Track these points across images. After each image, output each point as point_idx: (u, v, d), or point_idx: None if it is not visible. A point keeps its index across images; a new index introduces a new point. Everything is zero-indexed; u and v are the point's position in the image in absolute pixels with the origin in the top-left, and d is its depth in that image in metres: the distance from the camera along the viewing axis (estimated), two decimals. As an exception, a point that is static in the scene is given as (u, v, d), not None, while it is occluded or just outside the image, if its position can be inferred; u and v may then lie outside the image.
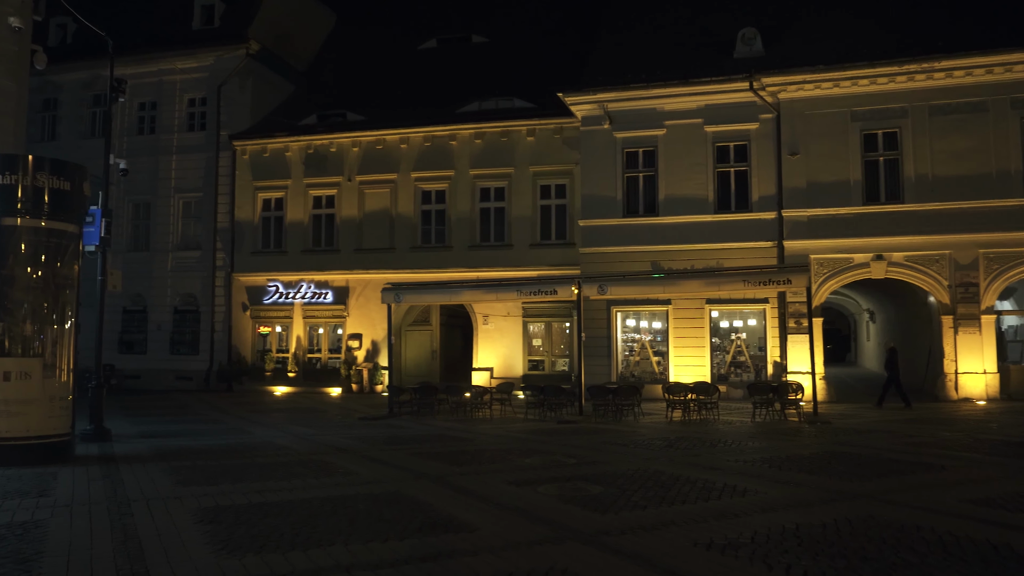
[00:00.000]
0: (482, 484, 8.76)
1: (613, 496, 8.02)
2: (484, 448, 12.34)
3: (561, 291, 18.32)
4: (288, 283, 28.88)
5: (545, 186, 26.72)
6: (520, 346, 26.55)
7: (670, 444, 12.49)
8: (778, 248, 22.31)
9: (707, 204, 23.27)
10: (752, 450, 11.81)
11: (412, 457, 11.13)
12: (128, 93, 31.33)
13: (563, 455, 11.22)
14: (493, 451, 11.92)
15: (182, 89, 30.78)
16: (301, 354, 28.91)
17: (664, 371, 23.54)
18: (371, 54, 33.60)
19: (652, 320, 24.16)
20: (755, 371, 22.87)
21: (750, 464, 10.24)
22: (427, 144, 27.79)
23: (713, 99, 23.28)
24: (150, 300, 30.49)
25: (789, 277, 16.74)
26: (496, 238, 27.09)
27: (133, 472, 9.74)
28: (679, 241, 23.10)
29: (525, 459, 10.80)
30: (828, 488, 8.52)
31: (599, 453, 11.58)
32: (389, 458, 11.06)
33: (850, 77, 21.58)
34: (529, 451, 11.76)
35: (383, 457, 11.17)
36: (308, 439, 13.74)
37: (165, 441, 13.45)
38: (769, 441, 13.05)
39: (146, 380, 29.86)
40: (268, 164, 29.53)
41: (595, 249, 24.01)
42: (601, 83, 24.20)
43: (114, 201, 30.81)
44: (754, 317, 23.20)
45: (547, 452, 11.59)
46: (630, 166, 24.29)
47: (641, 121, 23.97)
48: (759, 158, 22.94)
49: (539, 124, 26.59)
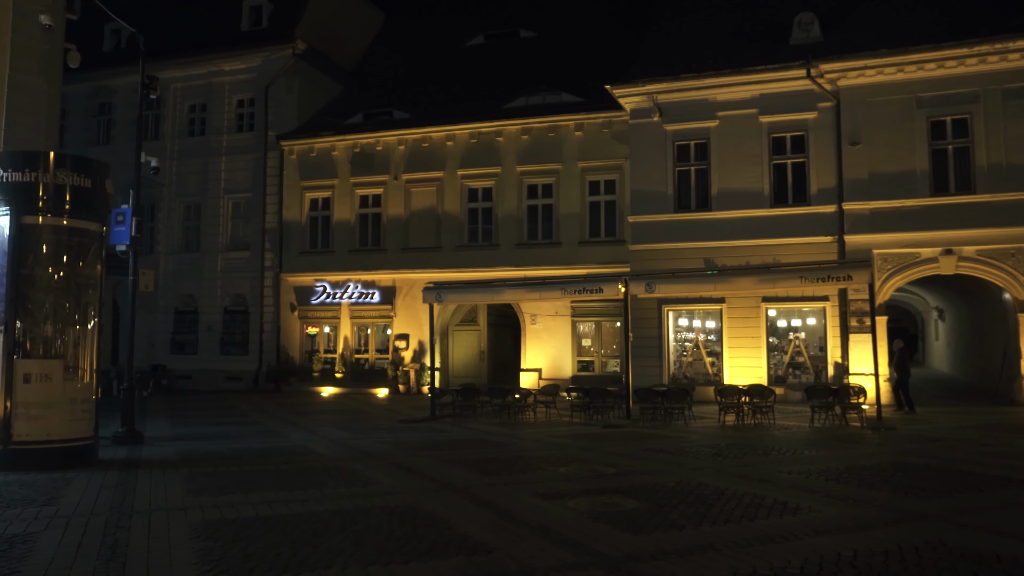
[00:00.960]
0: (509, 497, 8.14)
1: (649, 513, 7.31)
2: (520, 454, 11.72)
3: (607, 289, 17.59)
4: (335, 283, 28.68)
5: (594, 182, 25.95)
6: (569, 346, 25.85)
7: (719, 452, 11.69)
8: (838, 243, 21.16)
9: (762, 198, 22.22)
10: (808, 459, 10.93)
11: (442, 464, 10.56)
12: (179, 96, 32.06)
13: (602, 464, 10.52)
14: (529, 458, 11.29)
15: (231, 90, 30.86)
16: (348, 355, 28.68)
17: (718, 372, 22.58)
18: (418, 52, 33.29)
19: (705, 319, 23.21)
20: (815, 373, 21.76)
21: (804, 476, 9.39)
22: (473, 141, 27.28)
23: (768, 88, 22.22)
24: (201, 301, 30.64)
25: (850, 273, 15.71)
26: (544, 236, 26.43)
27: (150, 479, 9.39)
28: (733, 237, 22.12)
29: (560, 468, 10.14)
30: (891, 506, 7.67)
31: (641, 462, 10.85)
32: (418, 465, 10.51)
33: (915, 61, 20.31)
34: (567, 458, 11.10)
35: (412, 464, 10.63)
36: (342, 443, 13.31)
37: (197, 444, 13.15)
38: (827, 449, 12.13)
39: (197, 380, 30.02)
40: (315, 164, 29.39)
41: (645, 246, 23.17)
42: (650, 74, 23.35)
43: (165, 202, 31.32)
44: (813, 316, 22.08)
45: (585, 460, 10.91)
46: (681, 159, 23.38)
47: (692, 113, 23.04)
48: (817, 149, 21.80)
49: (587, 118, 25.84)
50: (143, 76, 13.94)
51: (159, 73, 31.31)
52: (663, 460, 10.94)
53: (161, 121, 32.00)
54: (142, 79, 13.94)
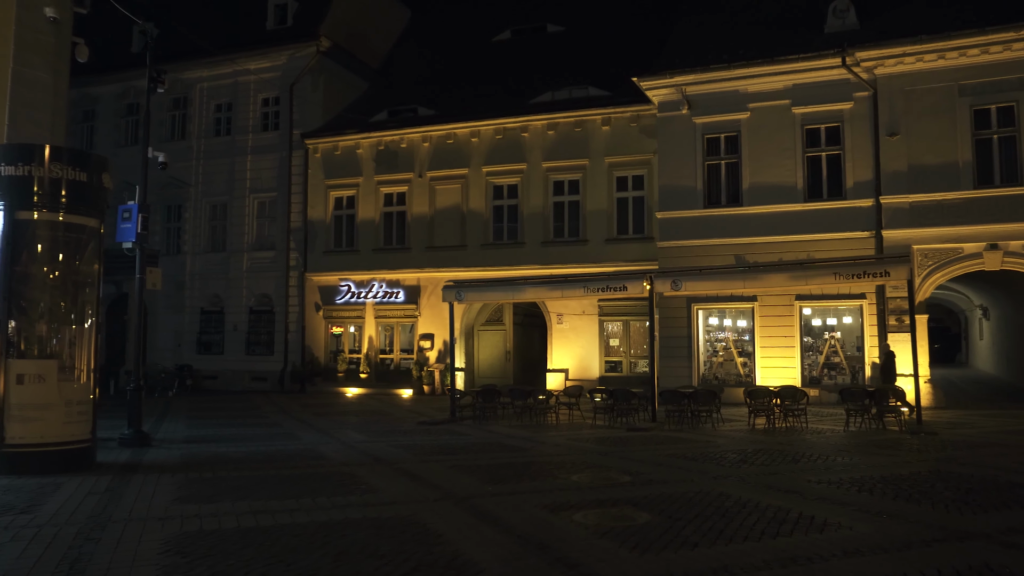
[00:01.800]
0: (512, 508, 7.57)
1: (661, 528, 6.70)
2: (535, 460, 11.15)
3: (631, 287, 16.92)
4: (360, 282, 28.35)
5: (622, 178, 25.27)
6: (596, 346, 25.20)
7: (745, 458, 11.00)
8: (876, 238, 20.26)
9: (796, 192, 21.39)
10: (840, 467, 10.20)
11: (450, 471, 10.03)
12: (205, 95, 31.95)
13: (619, 470, 9.91)
14: (543, 464, 10.71)
15: (256, 89, 30.67)
16: (373, 355, 28.33)
17: (750, 373, 21.78)
18: (444, 48, 32.87)
19: (737, 318, 22.42)
20: (851, 374, 20.88)
21: (836, 486, 8.69)
22: (498, 137, 26.75)
23: (802, 78, 21.37)
24: (226, 301, 30.52)
25: (887, 269, 14.88)
26: (570, 234, 25.81)
27: (142, 484, 8.99)
28: (765, 233, 21.33)
29: (573, 475, 9.54)
30: (931, 522, 6.96)
31: (662, 469, 10.21)
32: (424, 472, 9.99)
33: (958, 47, 19.35)
34: (583, 465, 10.51)
35: (419, 470, 10.11)
36: (353, 447, 12.86)
37: (205, 447, 12.79)
38: (862, 456, 11.37)
39: (223, 381, 29.91)
40: (340, 162, 29.10)
41: (674, 243, 22.46)
42: (678, 65, 22.62)
43: (191, 203, 31.25)
44: (850, 314, 21.20)
45: (602, 466, 10.31)
46: (711, 153, 22.62)
47: (722, 105, 22.27)
48: (853, 140, 20.91)
49: (614, 112, 25.16)
50: (150, 69, 13.59)
51: (185, 73, 31.74)
52: (685, 467, 10.29)
53: (187, 121, 31.96)
54: (149, 73, 13.60)
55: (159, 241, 31.70)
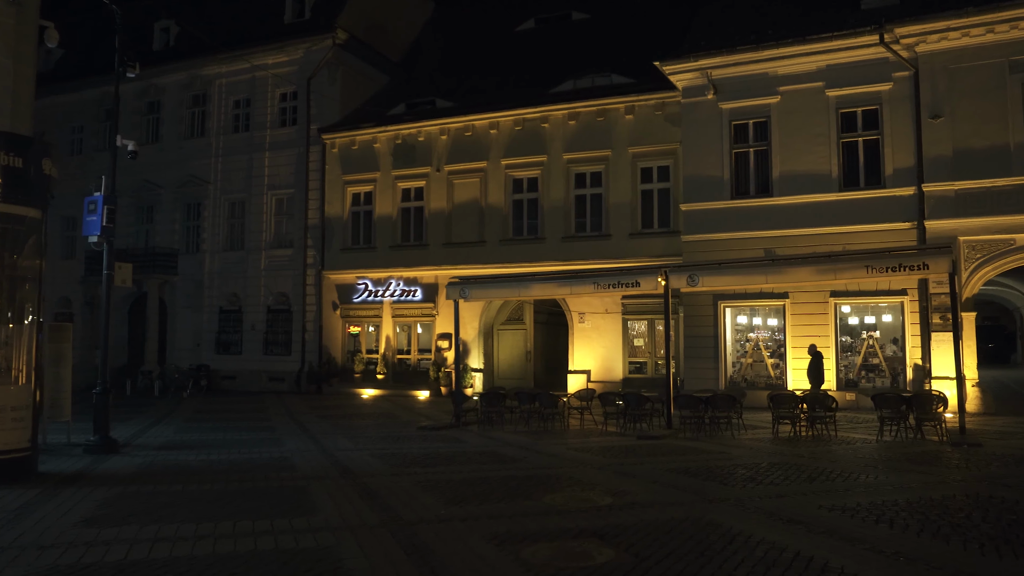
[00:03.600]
0: (455, 539, 6.45)
1: (620, 572, 5.52)
2: (518, 474, 10.00)
3: (645, 283, 15.65)
4: (377, 280, 27.47)
5: (646, 169, 23.95)
6: (620, 347, 23.91)
7: (755, 475, 9.70)
8: (918, 230, 18.67)
9: (830, 181, 19.87)
10: (862, 488, 8.85)
11: (414, 487, 8.95)
12: (223, 91, 31.38)
13: (604, 489, 8.72)
14: (523, 479, 9.55)
15: (274, 84, 29.98)
16: (391, 355, 27.43)
17: (781, 376, 20.34)
18: (467, 39, 31.84)
19: (767, 316, 20.97)
20: (891, 376, 19.30)
21: (850, 514, 7.39)
22: (518, 128, 25.62)
23: (836, 58, 19.85)
24: (245, 300, 29.91)
25: (926, 261, 13.38)
26: (593, 228, 24.57)
27: (63, 501, 8.11)
28: (796, 225, 19.86)
29: (548, 495, 8.37)
30: (958, 568, 5.64)
31: (655, 487, 9.00)
32: (385, 488, 8.93)
33: (1009, 19, 17.65)
34: (567, 481, 9.33)
35: (379, 487, 9.05)
36: (332, 455, 11.88)
37: (173, 455, 11.92)
38: (890, 473, 9.99)
39: (241, 381, 29.31)
40: (357, 157, 28.26)
41: (699, 237, 21.11)
42: (704, 48, 21.26)
43: (210, 200, 30.71)
44: (890, 312, 19.63)
45: (588, 484, 9.13)
46: (739, 141, 21.19)
47: (751, 89, 20.84)
48: (893, 124, 19.33)
49: (638, 100, 23.84)
50: (119, 52, 12.72)
51: (204, 69, 31.21)
52: (682, 485, 9.05)
53: (207, 118, 31.45)
54: (118, 55, 12.73)
55: (178, 240, 31.30)
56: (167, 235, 31.43)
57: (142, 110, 33.00)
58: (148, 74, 32.18)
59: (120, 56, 12.59)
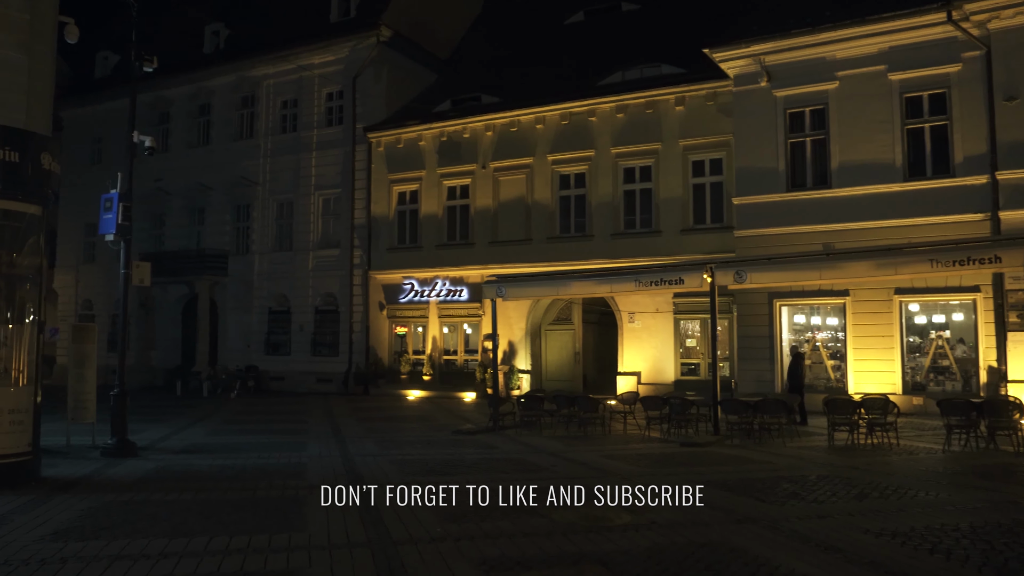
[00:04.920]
0: (440, 561, 5.79)
1: (617, 608, 4.78)
2: (538, 485, 9.23)
3: (689, 279, 14.71)
4: (423, 280, 27.03)
5: (697, 162, 22.94)
6: (671, 348, 22.94)
7: (797, 491, 8.76)
8: (991, 221, 17.26)
9: (893, 170, 18.58)
10: (918, 508, 7.86)
11: (419, 500, 8.28)
12: (271, 92, 31.35)
13: (624, 507, 7.91)
14: (540, 491, 8.77)
15: (320, 84, 29.84)
16: (437, 356, 26.95)
17: (842, 378, 19.11)
18: (514, 34, 31.18)
19: (826, 315, 19.77)
20: (963, 379, 17.92)
21: (901, 541, 6.45)
22: (564, 123, 24.86)
23: (899, 39, 18.55)
24: (293, 301, 29.84)
25: (998, 254, 12.15)
26: (642, 225, 23.65)
27: (48, 509, 7.74)
28: (857, 218, 18.62)
29: (559, 511, 7.62)
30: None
31: (678, 505, 8.14)
32: (390, 499, 8.29)
33: (1092, -10, 16.22)
34: (586, 494, 8.55)
35: (384, 498, 8.42)
36: (352, 461, 11.36)
37: (188, 460, 11.57)
38: (954, 490, 8.92)
39: (289, 382, 29.23)
40: (402, 155, 27.88)
41: (752, 232, 20.02)
42: (756, 33, 20.16)
43: (259, 201, 30.73)
44: (961, 311, 18.25)
45: (608, 498, 8.32)
46: (794, 130, 20.03)
47: (807, 74, 19.66)
48: (962, 108, 17.94)
49: (688, 91, 22.85)
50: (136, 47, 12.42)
51: (253, 71, 31.25)
52: (713, 501, 8.19)
53: (255, 119, 31.51)
54: (135, 50, 12.44)
55: (228, 241, 31.42)
56: (218, 236, 31.58)
57: (194, 113, 33.31)
58: (199, 77, 32.64)
59: (136, 51, 12.31)
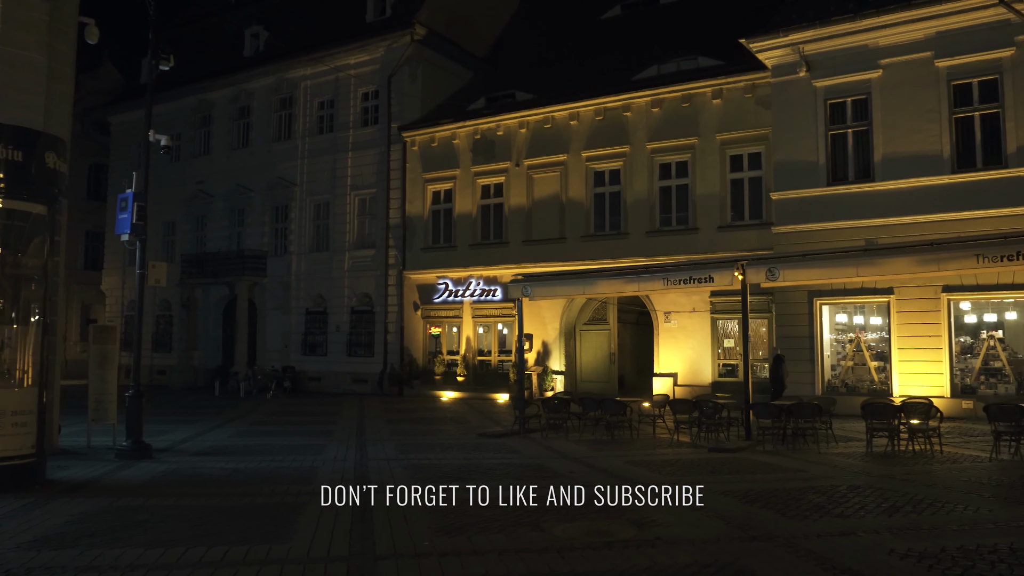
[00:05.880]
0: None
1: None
2: (549, 494, 8.82)
3: (719, 277, 14.12)
4: (457, 280, 26.76)
5: (735, 156, 22.23)
6: (709, 348, 22.27)
7: (824, 503, 8.18)
8: (1047, 214, 16.32)
9: (941, 162, 17.69)
10: (956, 525, 7.23)
11: (418, 509, 7.94)
12: (309, 94, 31.40)
13: (632, 518, 7.45)
14: (549, 502, 8.36)
15: (356, 84, 29.77)
16: (471, 356, 26.66)
17: (886, 380, 18.27)
18: (551, 31, 30.73)
19: (870, 315, 18.94)
20: (1017, 382, 16.97)
21: (931, 563, 5.86)
22: (599, 119, 24.35)
23: (947, 23, 17.66)
24: (329, 301, 29.84)
25: (1050, 249, 11.37)
26: (678, 222, 23.02)
27: (42, 514, 7.63)
28: (902, 212, 17.78)
29: (561, 525, 7.18)
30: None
31: (694, 516, 7.64)
32: (388, 508, 7.97)
33: None
34: (593, 506, 8.09)
35: (383, 506, 8.10)
36: (365, 466, 11.09)
37: (203, 462, 11.43)
38: (998, 504, 8.25)
39: (326, 383, 29.23)
40: (436, 154, 27.66)
41: (791, 228, 19.30)
42: (795, 21, 19.42)
43: (297, 202, 30.81)
44: (1015, 309, 17.29)
45: (616, 510, 7.88)
46: (835, 121, 19.24)
47: (848, 63, 18.86)
48: (1016, 95, 16.98)
49: (726, 83, 22.15)
50: (155, 43, 12.30)
51: (290, 72, 31.34)
52: (732, 514, 7.67)
53: (293, 121, 31.61)
54: (152, 47, 12.32)
55: (267, 242, 31.57)
56: (257, 237, 31.77)
57: (234, 115, 33.57)
58: (239, 79, 32.89)
59: (154, 48, 12.19)
